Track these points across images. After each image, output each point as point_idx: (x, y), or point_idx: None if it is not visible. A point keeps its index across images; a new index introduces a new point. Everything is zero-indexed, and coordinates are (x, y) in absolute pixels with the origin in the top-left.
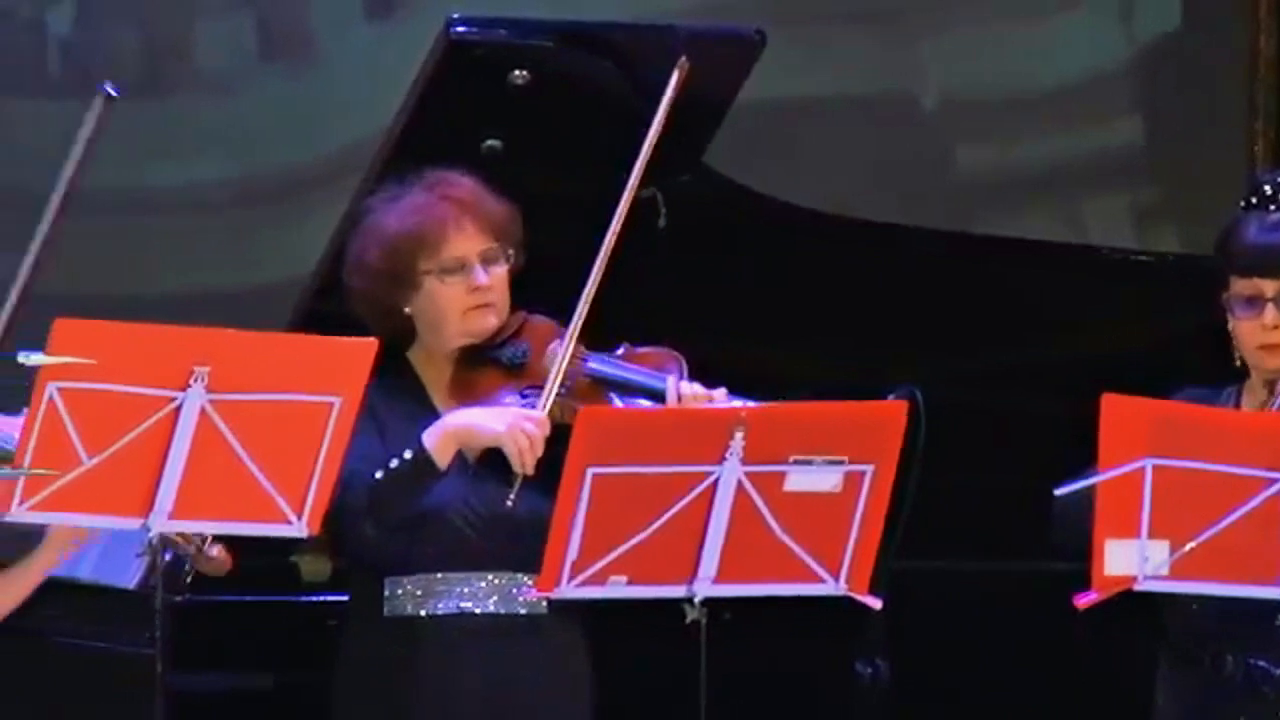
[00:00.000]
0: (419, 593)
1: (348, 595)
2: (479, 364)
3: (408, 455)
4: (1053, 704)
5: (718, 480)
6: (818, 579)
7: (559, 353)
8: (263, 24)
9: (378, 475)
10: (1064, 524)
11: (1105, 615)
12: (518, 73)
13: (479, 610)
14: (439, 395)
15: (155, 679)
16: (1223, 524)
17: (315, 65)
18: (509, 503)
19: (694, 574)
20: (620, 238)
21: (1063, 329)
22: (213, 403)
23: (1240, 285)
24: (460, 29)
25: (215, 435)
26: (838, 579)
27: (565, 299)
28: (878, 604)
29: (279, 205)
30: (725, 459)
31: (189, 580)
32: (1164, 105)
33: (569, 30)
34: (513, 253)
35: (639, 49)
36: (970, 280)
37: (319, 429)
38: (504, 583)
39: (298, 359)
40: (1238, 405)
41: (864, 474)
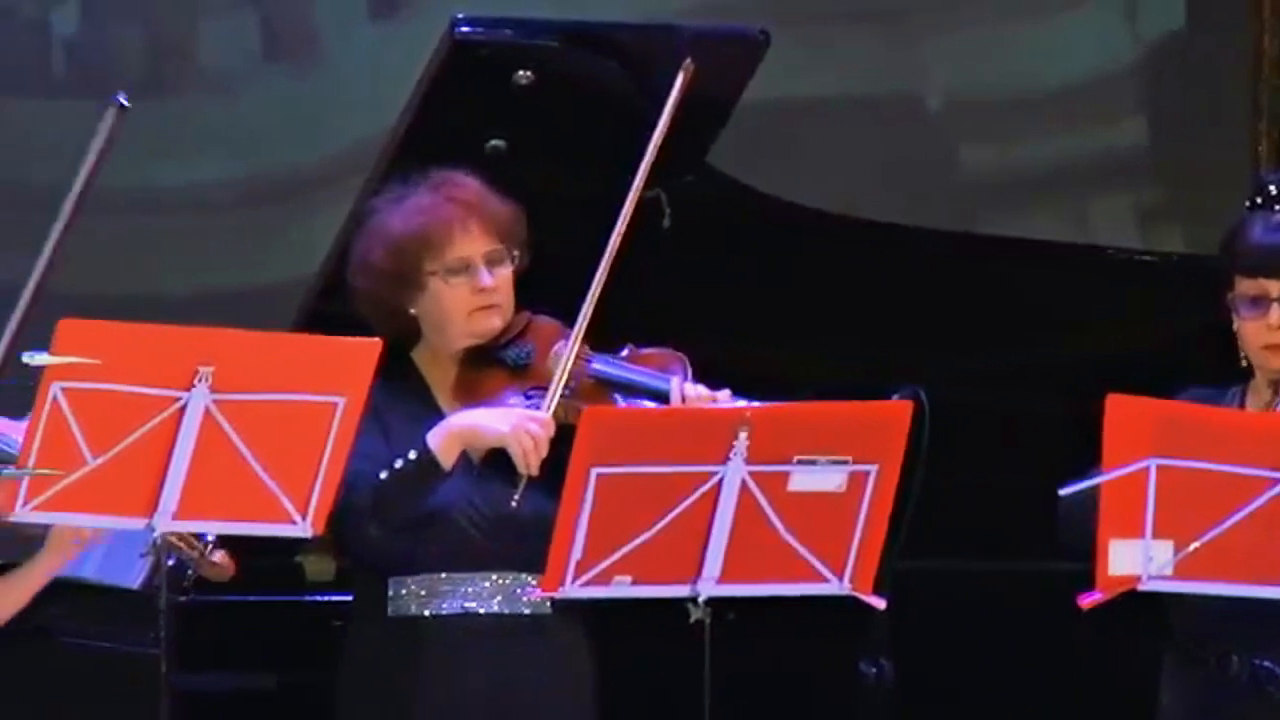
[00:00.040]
0: (423, 593)
1: (352, 595)
2: (483, 365)
3: (412, 456)
4: (1056, 704)
5: (722, 480)
6: (822, 579)
7: (563, 354)
8: (266, 23)
9: (382, 475)
10: (1068, 524)
11: (1109, 615)
12: (522, 73)
13: (483, 610)
14: (443, 396)
15: (160, 679)
16: (1227, 524)
17: (319, 65)
18: (514, 503)
19: (698, 574)
20: (624, 238)
21: (1067, 329)
22: (217, 403)
23: (1245, 285)
24: (465, 29)
25: (219, 435)
26: (842, 579)
27: (569, 299)
28: (882, 604)
29: (283, 205)
30: (729, 459)
31: (190, 585)
32: (1168, 105)
33: (573, 30)
34: (517, 253)
35: (643, 49)
36: (975, 280)
37: (323, 429)
38: (508, 583)
39: (302, 359)
40: (1242, 405)
41: (868, 474)
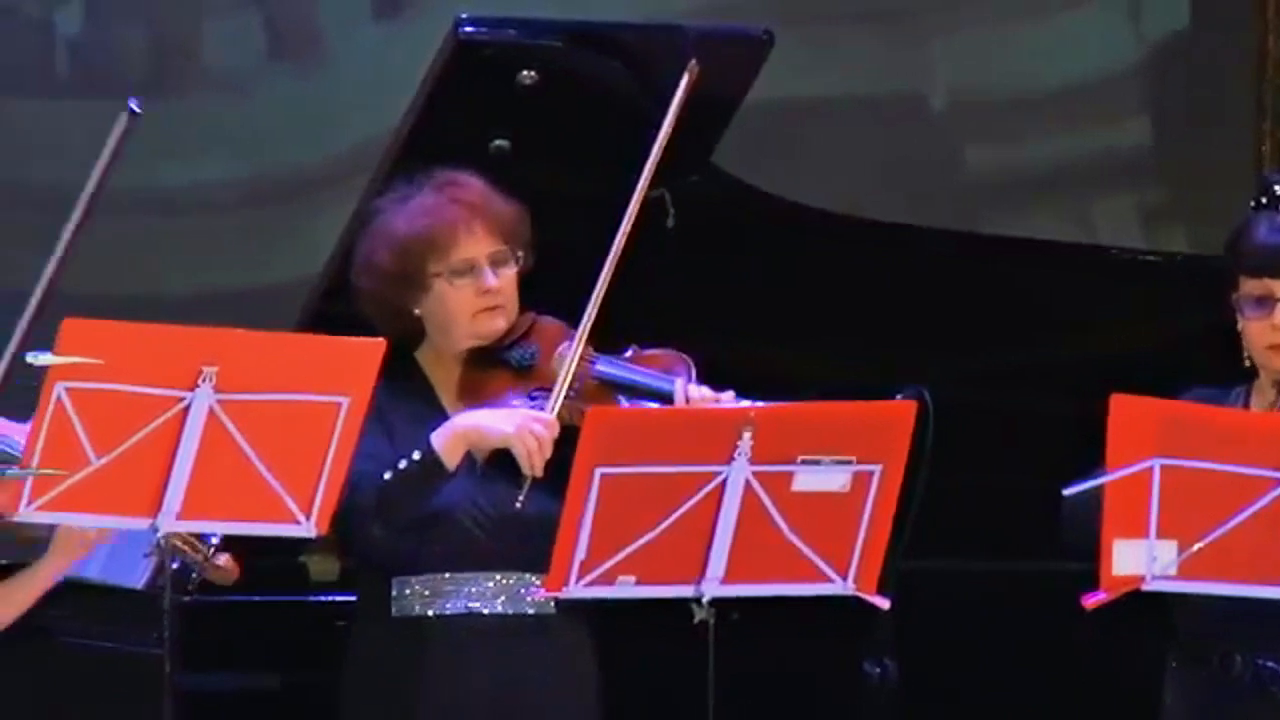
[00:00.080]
0: (427, 593)
1: (356, 595)
2: (488, 365)
3: (416, 456)
4: (1060, 704)
5: (726, 480)
6: (826, 579)
7: (568, 355)
8: (270, 23)
9: (386, 476)
10: (1073, 524)
11: (1113, 615)
12: (526, 73)
13: (487, 610)
14: (447, 396)
15: (163, 679)
16: (1231, 524)
17: (323, 65)
18: (518, 504)
19: (702, 574)
20: (629, 238)
21: (1071, 329)
22: (221, 403)
23: (1250, 285)
24: (469, 29)
25: (223, 435)
26: (846, 579)
27: (573, 299)
28: (886, 604)
29: (287, 205)
30: (733, 459)
31: (194, 589)
32: (1172, 105)
33: (577, 30)
34: (522, 254)
35: (647, 49)
36: (978, 280)
37: (327, 429)
38: (512, 583)
39: (306, 359)
40: (1246, 405)
41: (872, 474)
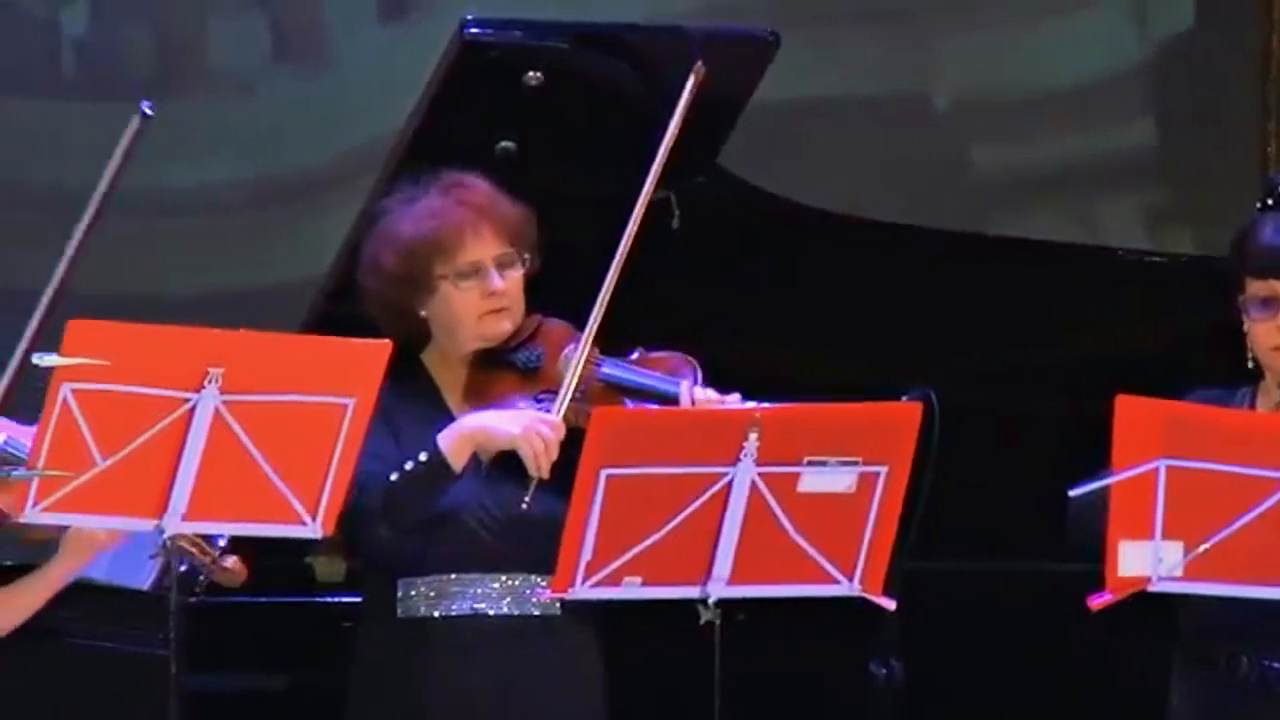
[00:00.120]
0: (432, 594)
1: (361, 596)
2: (494, 367)
3: (423, 457)
4: (1066, 705)
5: (732, 481)
6: (831, 580)
7: (573, 357)
8: (276, 24)
9: (392, 477)
10: (1078, 525)
11: (1119, 616)
12: (532, 74)
13: (492, 611)
14: (453, 398)
15: (169, 680)
16: (1236, 525)
17: (329, 66)
18: (524, 505)
19: (708, 575)
20: (635, 240)
21: (1075, 330)
22: (227, 404)
23: (1256, 287)
24: (474, 30)
25: (229, 436)
26: (852, 580)
27: (579, 300)
28: (891, 605)
29: (293, 206)
30: (739, 460)
31: (201, 591)
32: (1177, 106)
33: (583, 32)
34: (528, 256)
35: (653, 50)
36: (983, 281)
37: (333, 430)
38: (518, 584)
39: (312, 360)
40: (1252, 406)
41: (878, 475)
